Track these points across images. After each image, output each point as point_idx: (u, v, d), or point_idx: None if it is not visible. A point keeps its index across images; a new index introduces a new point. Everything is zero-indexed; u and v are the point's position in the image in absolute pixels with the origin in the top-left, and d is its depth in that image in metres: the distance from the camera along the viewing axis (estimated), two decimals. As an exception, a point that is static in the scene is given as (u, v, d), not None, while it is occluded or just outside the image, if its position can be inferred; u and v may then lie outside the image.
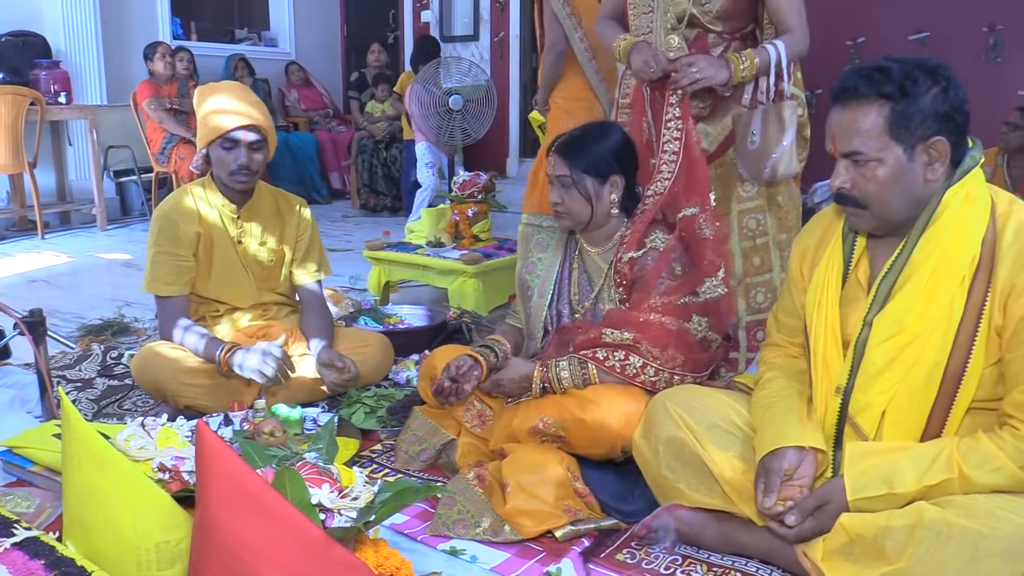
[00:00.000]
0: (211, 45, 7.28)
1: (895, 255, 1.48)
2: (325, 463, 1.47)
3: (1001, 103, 4.09)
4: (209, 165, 2.35)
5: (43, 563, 1.28)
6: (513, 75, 6.78)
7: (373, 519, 1.39)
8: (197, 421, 1.32)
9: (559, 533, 1.68)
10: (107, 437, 1.54)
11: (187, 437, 1.67)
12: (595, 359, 1.85)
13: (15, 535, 1.35)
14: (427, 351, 2.78)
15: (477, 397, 2.04)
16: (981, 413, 1.44)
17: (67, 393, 2.52)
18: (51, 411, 2.16)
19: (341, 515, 1.34)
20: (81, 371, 2.76)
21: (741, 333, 2.36)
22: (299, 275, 2.50)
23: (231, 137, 2.23)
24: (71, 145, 5.90)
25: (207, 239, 2.34)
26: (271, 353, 2.17)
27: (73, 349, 2.96)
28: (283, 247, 2.46)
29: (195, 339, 2.26)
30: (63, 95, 5.45)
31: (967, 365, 1.41)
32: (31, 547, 1.32)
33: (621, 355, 1.83)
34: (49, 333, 2.36)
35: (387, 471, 2.05)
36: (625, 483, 1.80)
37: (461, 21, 7.14)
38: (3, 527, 1.37)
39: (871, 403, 1.48)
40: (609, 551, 1.66)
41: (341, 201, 6.99)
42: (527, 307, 2.11)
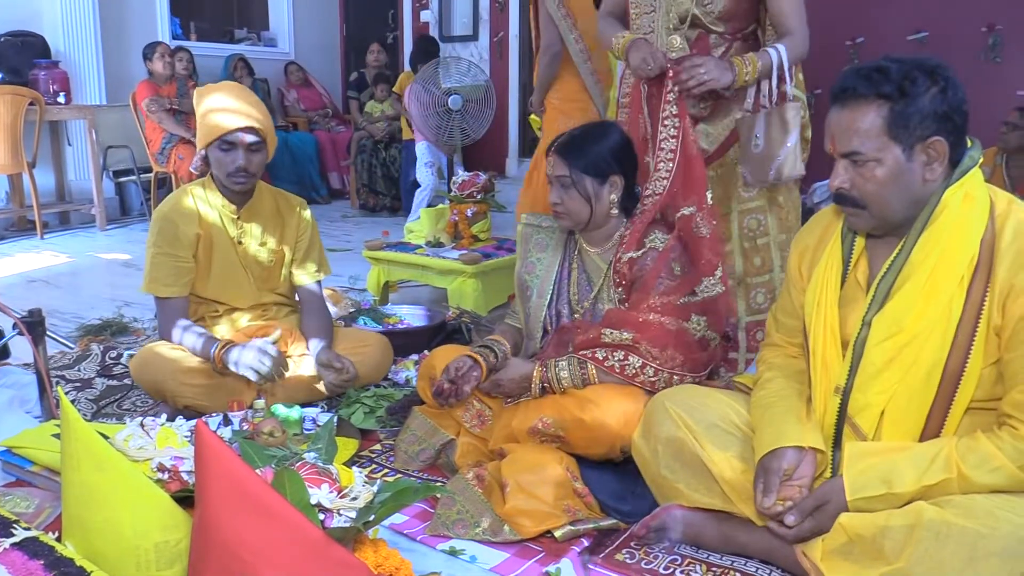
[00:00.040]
0: (210, 45, 7.28)
1: (894, 255, 1.48)
2: (324, 463, 1.47)
3: (1000, 103, 4.09)
4: (208, 166, 2.35)
5: (42, 563, 1.28)
6: (512, 75, 6.78)
7: (372, 519, 1.39)
8: (196, 421, 1.32)
9: (558, 533, 1.68)
10: (106, 437, 1.54)
11: (186, 437, 1.67)
12: (594, 359, 1.85)
13: (14, 535, 1.35)
14: (426, 351, 2.78)
15: (476, 397, 2.04)
16: (980, 413, 1.44)
17: (66, 393, 2.52)
18: (50, 411, 2.16)
19: (340, 515, 1.34)
20: (80, 371, 2.76)
21: (741, 334, 2.36)
22: (299, 275, 2.50)
23: (229, 139, 2.22)
24: (70, 145, 5.89)
25: (207, 240, 2.34)
26: (266, 351, 2.18)
27: (72, 349, 2.96)
28: (283, 247, 2.46)
29: (193, 338, 2.26)
30: (62, 95, 5.44)
31: (966, 365, 1.41)
32: (30, 547, 1.32)
33: (620, 355, 1.83)
34: (48, 333, 2.36)
35: (386, 471, 2.05)
36: (624, 483, 1.80)
37: (460, 21, 7.14)
38: (2, 527, 1.37)
39: (870, 403, 1.48)
40: (608, 551, 1.66)
41: (340, 201, 6.99)
42: (526, 307, 2.11)
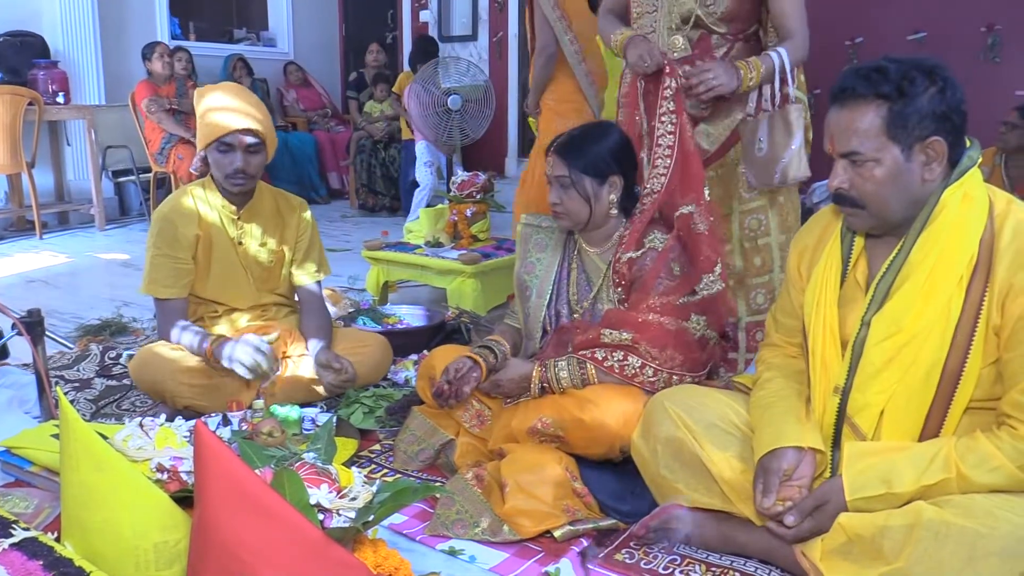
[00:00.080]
0: (209, 45, 7.28)
1: (893, 255, 1.48)
2: (324, 463, 1.47)
3: (999, 103, 4.09)
4: (208, 166, 2.35)
5: (41, 563, 1.28)
6: (512, 75, 6.78)
7: (372, 519, 1.39)
8: (195, 421, 1.32)
9: (558, 533, 1.68)
10: (105, 437, 1.54)
11: (185, 437, 1.67)
12: (594, 359, 1.85)
13: (13, 535, 1.35)
14: (426, 351, 2.78)
15: (476, 397, 2.04)
16: (979, 413, 1.44)
17: (65, 393, 2.52)
18: (49, 411, 2.16)
19: (340, 515, 1.34)
20: (79, 371, 2.76)
21: (740, 334, 2.36)
22: (298, 275, 2.50)
23: (227, 140, 2.22)
24: (69, 145, 5.89)
25: (206, 241, 2.34)
26: (258, 347, 2.17)
27: (71, 349, 2.96)
28: (283, 248, 2.45)
29: (190, 337, 2.26)
30: (61, 95, 5.44)
31: (965, 365, 1.41)
32: (29, 547, 1.32)
33: (620, 355, 1.83)
34: (47, 333, 2.36)
35: (385, 471, 2.05)
36: (624, 483, 1.80)
37: (459, 21, 7.14)
38: (1, 527, 1.37)
39: (869, 403, 1.48)
40: (608, 551, 1.66)
41: (340, 201, 6.99)
42: (525, 307, 2.11)
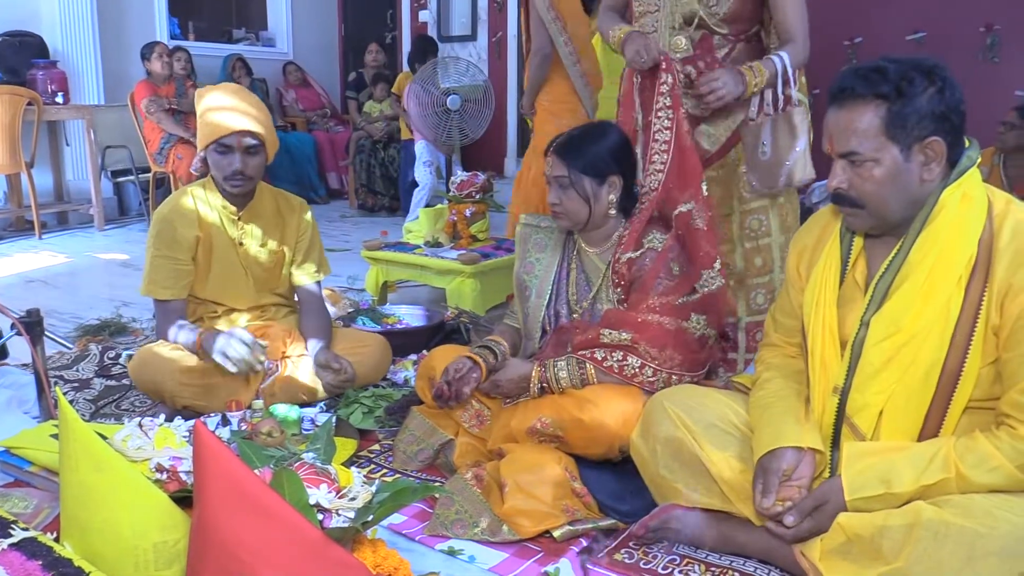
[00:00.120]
0: (208, 45, 7.28)
1: (892, 255, 1.48)
2: (323, 463, 1.47)
3: (998, 103, 4.09)
4: (208, 167, 2.35)
5: (40, 563, 1.28)
6: (511, 75, 6.78)
7: (371, 519, 1.39)
8: (195, 421, 1.32)
9: (557, 533, 1.68)
10: (104, 437, 1.54)
11: (185, 437, 1.67)
12: (593, 359, 1.85)
13: (12, 535, 1.35)
14: (425, 351, 2.78)
15: (475, 397, 2.04)
16: (978, 413, 1.44)
17: (64, 393, 2.52)
18: (48, 411, 2.16)
19: (339, 515, 1.34)
20: (79, 371, 2.76)
21: (740, 334, 2.36)
22: (298, 276, 2.49)
23: (225, 141, 2.21)
24: (68, 145, 5.88)
25: (207, 241, 2.33)
26: (244, 341, 2.17)
27: (71, 349, 2.95)
28: (283, 248, 2.45)
29: (186, 334, 2.26)
30: (60, 95, 5.44)
31: (964, 365, 1.41)
32: (28, 547, 1.32)
33: (619, 355, 1.83)
34: (46, 333, 2.36)
35: (385, 471, 2.05)
36: (623, 483, 1.80)
37: (459, 21, 7.14)
38: (1, 527, 1.37)
39: (868, 403, 1.48)
40: (607, 551, 1.66)
41: (339, 201, 6.99)
42: (525, 307, 2.11)
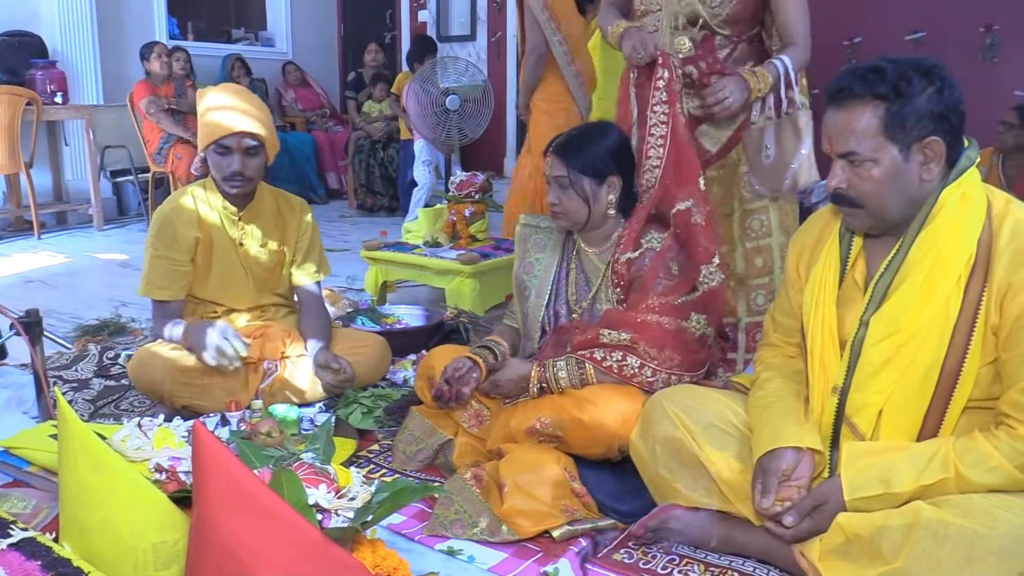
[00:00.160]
0: (208, 45, 7.27)
1: (891, 255, 1.48)
2: (322, 463, 1.46)
3: (998, 103, 4.10)
4: (208, 167, 2.35)
5: (40, 564, 1.28)
6: (510, 75, 6.77)
7: (370, 519, 1.39)
8: (194, 421, 1.32)
9: (556, 533, 1.68)
10: (104, 437, 1.54)
11: (184, 437, 1.67)
12: (592, 359, 1.85)
13: (11, 536, 1.35)
14: (424, 351, 2.78)
15: (475, 397, 2.04)
16: (977, 412, 1.44)
17: (63, 393, 2.51)
18: (47, 411, 2.16)
19: (338, 515, 1.34)
20: (78, 371, 2.76)
21: (740, 335, 2.36)
22: (298, 276, 2.49)
23: (225, 142, 2.21)
24: (67, 145, 5.88)
25: (206, 242, 2.33)
26: (225, 334, 2.16)
27: (70, 349, 2.95)
28: (283, 248, 2.45)
29: (179, 331, 2.26)
30: (59, 95, 5.43)
31: (963, 364, 1.41)
32: (27, 548, 1.32)
33: (619, 355, 1.83)
34: (45, 333, 2.36)
35: (384, 471, 2.05)
36: (622, 483, 1.80)
37: (458, 21, 7.14)
38: (0, 528, 1.37)
39: (868, 403, 1.48)
40: (607, 551, 1.67)
41: (338, 201, 6.99)
42: (524, 307, 2.11)
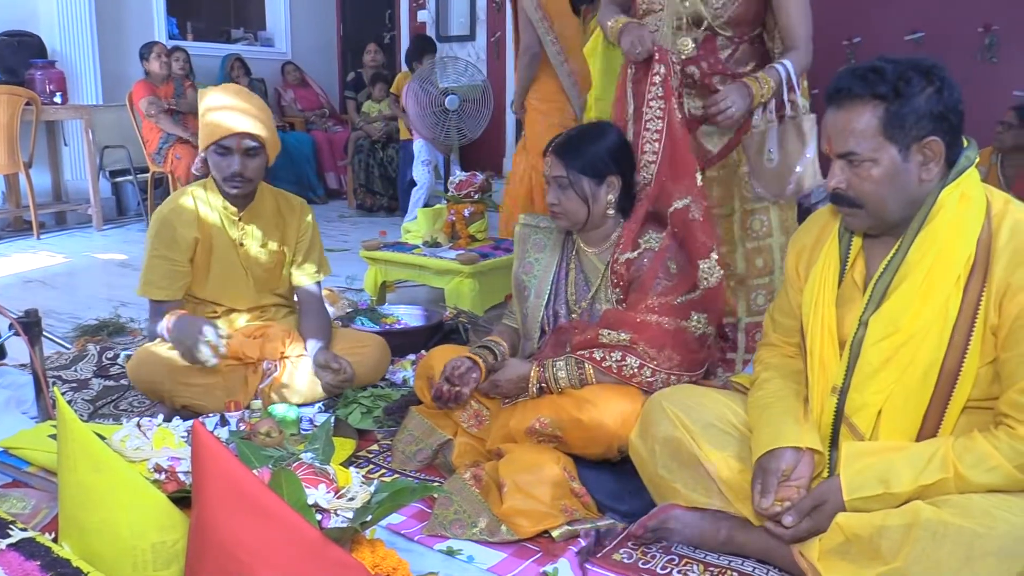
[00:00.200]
0: (207, 45, 7.27)
1: (891, 255, 1.48)
2: (321, 463, 1.47)
3: (997, 103, 4.10)
4: (209, 167, 2.35)
5: (39, 564, 1.28)
6: (509, 75, 6.77)
7: (370, 519, 1.39)
8: (193, 421, 1.32)
9: (556, 533, 1.68)
10: (103, 438, 1.54)
11: (183, 437, 1.67)
12: (592, 359, 1.85)
13: (11, 536, 1.35)
14: (424, 351, 2.78)
15: (474, 397, 2.04)
16: (976, 412, 1.44)
17: (63, 394, 2.51)
18: (47, 412, 2.15)
19: (337, 515, 1.34)
20: (77, 372, 2.75)
21: (740, 335, 2.36)
22: (298, 276, 2.49)
23: (225, 143, 2.21)
24: (67, 145, 5.88)
25: (206, 242, 2.33)
26: (203, 331, 2.14)
27: (69, 350, 2.95)
28: (284, 249, 2.45)
29: (165, 323, 2.22)
30: (59, 95, 5.43)
31: (962, 364, 1.41)
32: (27, 548, 1.32)
33: (618, 356, 1.83)
34: (45, 334, 2.35)
35: (383, 471, 2.05)
36: (622, 483, 1.80)
37: (457, 21, 7.14)
38: (-1, 528, 1.37)
39: (867, 403, 1.48)
40: (606, 551, 1.67)
41: (337, 201, 6.99)
42: (524, 307, 2.11)
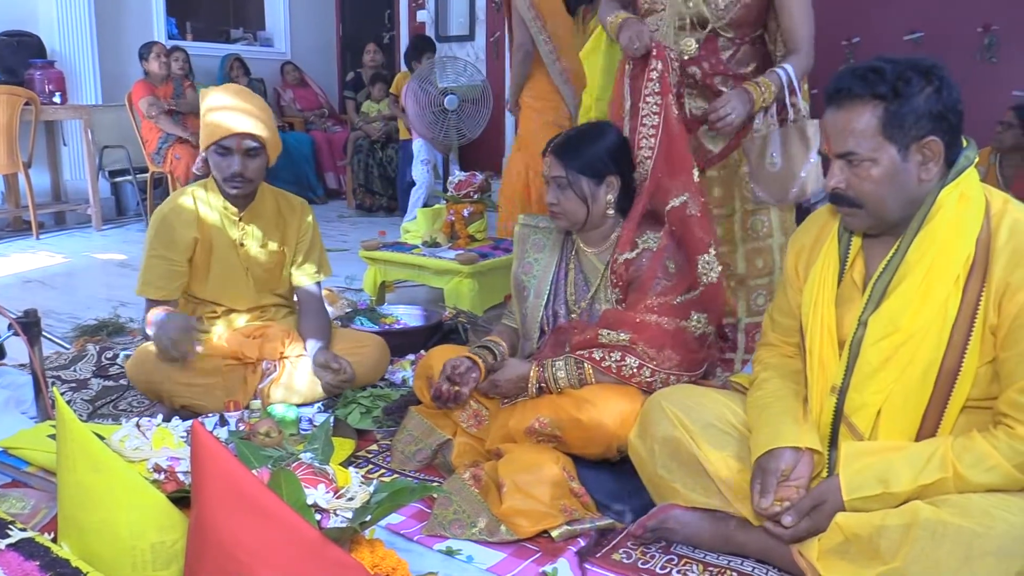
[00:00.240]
0: (206, 45, 7.27)
1: (890, 255, 1.48)
2: (321, 463, 1.46)
3: (996, 103, 4.10)
4: (209, 167, 2.35)
5: (38, 564, 1.28)
6: (508, 75, 6.76)
7: (369, 519, 1.39)
8: (192, 421, 1.32)
9: (555, 533, 1.68)
10: (102, 438, 1.54)
11: (182, 437, 1.67)
12: (591, 359, 1.85)
13: (10, 536, 1.35)
14: (423, 351, 2.78)
15: (474, 397, 2.04)
16: (976, 412, 1.44)
17: (62, 394, 2.51)
18: (46, 412, 2.15)
19: (337, 515, 1.34)
20: (76, 372, 2.75)
21: (740, 335, 2.36)
22: (298, 276, 2.48)
23: (225, 143, 2.21)
24: (66, 145, 5.88)
25: (206, 242, 2.32)
26: (182, 327, 2.13)
27: (68, 350, 2.95)
28: (284, 249, 2.45)
29: (150, 316, 2.22)
30: (58, 95, 5.43)
31: (962, 364, 1.41)
32: (26, 548, 1.32)
33: (617, 356, 1.83)
34: (44, 334, 2.35)
35: (383, 471, 2.05)
36: (621, 483, 1.80)
37: (457, 21, 7.13)
38: (-2, 528, 1.37)
39: (866, 402, 1.48)
40: (605, 551, 1.67)
41: (337, 201, 6.99)
42: (523, 308, 2.11)
